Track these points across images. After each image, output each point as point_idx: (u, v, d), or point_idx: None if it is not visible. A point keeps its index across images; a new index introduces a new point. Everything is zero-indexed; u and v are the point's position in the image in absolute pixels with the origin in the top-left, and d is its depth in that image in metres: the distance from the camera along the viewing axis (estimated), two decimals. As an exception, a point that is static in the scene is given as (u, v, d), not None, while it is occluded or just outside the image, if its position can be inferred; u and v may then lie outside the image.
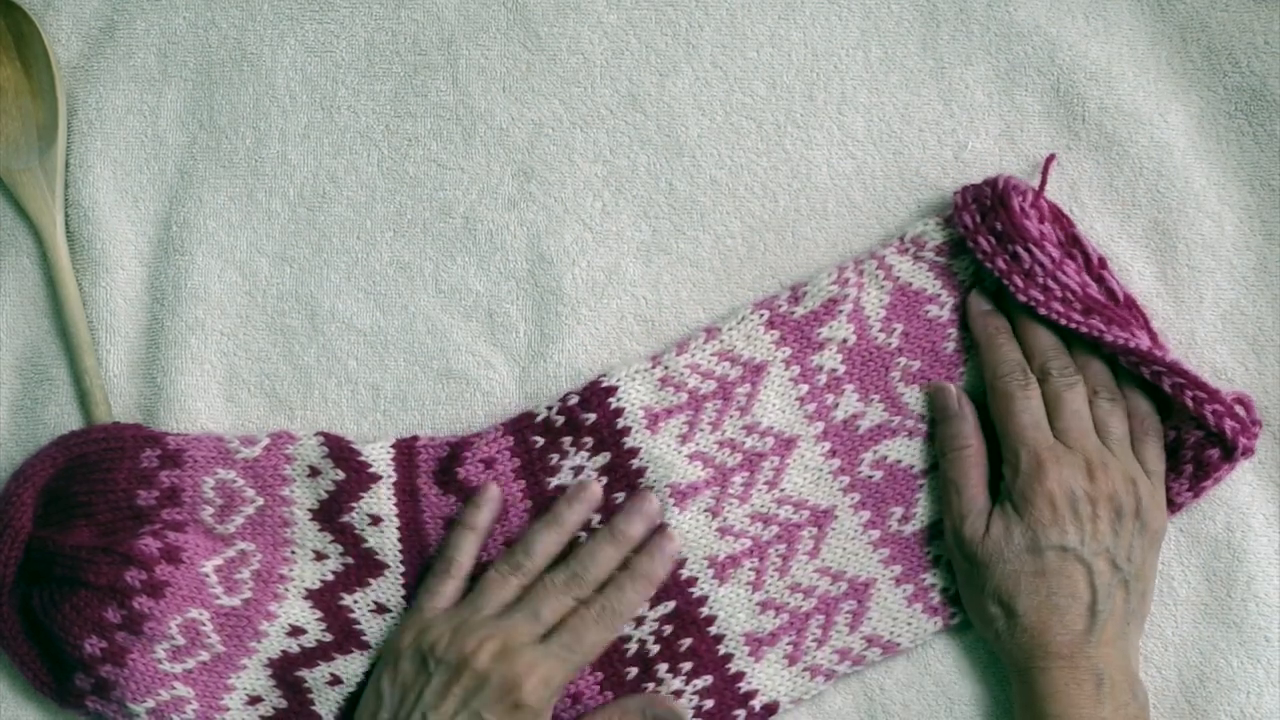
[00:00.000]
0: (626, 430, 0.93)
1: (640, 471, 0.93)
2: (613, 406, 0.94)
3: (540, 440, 0.94)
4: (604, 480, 0.93)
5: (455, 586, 0.91)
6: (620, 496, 0.93)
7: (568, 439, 0.94)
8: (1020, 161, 0.96)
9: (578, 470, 0.93)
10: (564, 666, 0.87)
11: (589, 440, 0.93)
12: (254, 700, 0.93)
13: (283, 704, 0.93)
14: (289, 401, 0.97)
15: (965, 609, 0.91)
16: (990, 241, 0.91)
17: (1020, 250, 0.90)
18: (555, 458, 0.94)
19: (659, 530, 0.92)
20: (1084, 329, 0.89)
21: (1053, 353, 0.91)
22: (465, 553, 0.91)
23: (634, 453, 0.93)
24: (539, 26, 0.99)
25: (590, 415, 0.94)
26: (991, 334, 0.91)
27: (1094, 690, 0.85)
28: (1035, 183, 0.94)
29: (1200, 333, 0.95)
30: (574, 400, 0.94)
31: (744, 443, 0.93)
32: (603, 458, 0.93)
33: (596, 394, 0.94)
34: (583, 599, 0.89)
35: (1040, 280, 0.90)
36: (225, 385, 0.98)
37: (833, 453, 0.93)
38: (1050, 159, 0.94)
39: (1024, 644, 0.87)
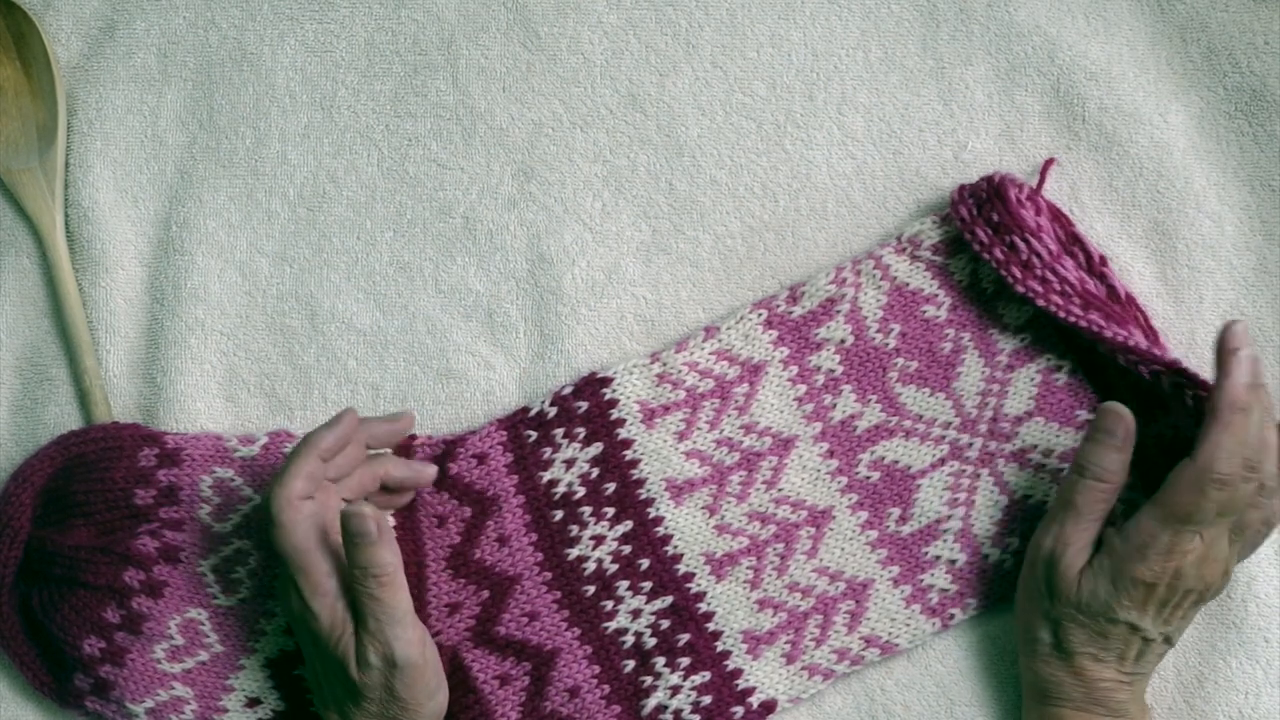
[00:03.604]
0: (620, 422, 0.93)
1: (634, 464, 0.93)
2: (607, 397, 0.94)
3: (533, 434, 0.94)
4: (596, 471, 0.93)
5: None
6: (611, 487, 0.93)
7: (559, 430, 0.94)
8: (1020, 162, 0.96)
9: (570, 463, 0.93)
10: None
11: (581, 430, 0.93)
12: (253, 702, 0.93)
13: (281, 706, 0.93)
14: (289, 401, 0.97)
15: (1016, 610, 0.90)
16: (987, 233, 0.91)
17: (1017, 241, 0.90)
18: (548, 451, 0.94)
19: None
20: (1083, 324, 0.89)
21: (1276, 468, 0.84)
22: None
23: (627, 444, 0.93)
24: (539, 26, 0.99)
25: (583, 404, 0.94)
26: (1244, 410, 0.82)
27: None
28: (1034, 184, 0.94)
29: (1200, 333, 0.94)
30: (567, 390, 0.94)
31: (742, 442, 0.93)
32: (595, 448, 0.93)
33: (591, 384, 0.94)
34: None
35: (1038, 272, 0.90)
36: (225, 385, 0.98)
37: (830, 453, 0.93)
38: (1049, 162, 0.94)
39: (1056, 675, 0.87)
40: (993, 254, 0.90)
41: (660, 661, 0.92)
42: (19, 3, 0.99)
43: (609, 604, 0.93)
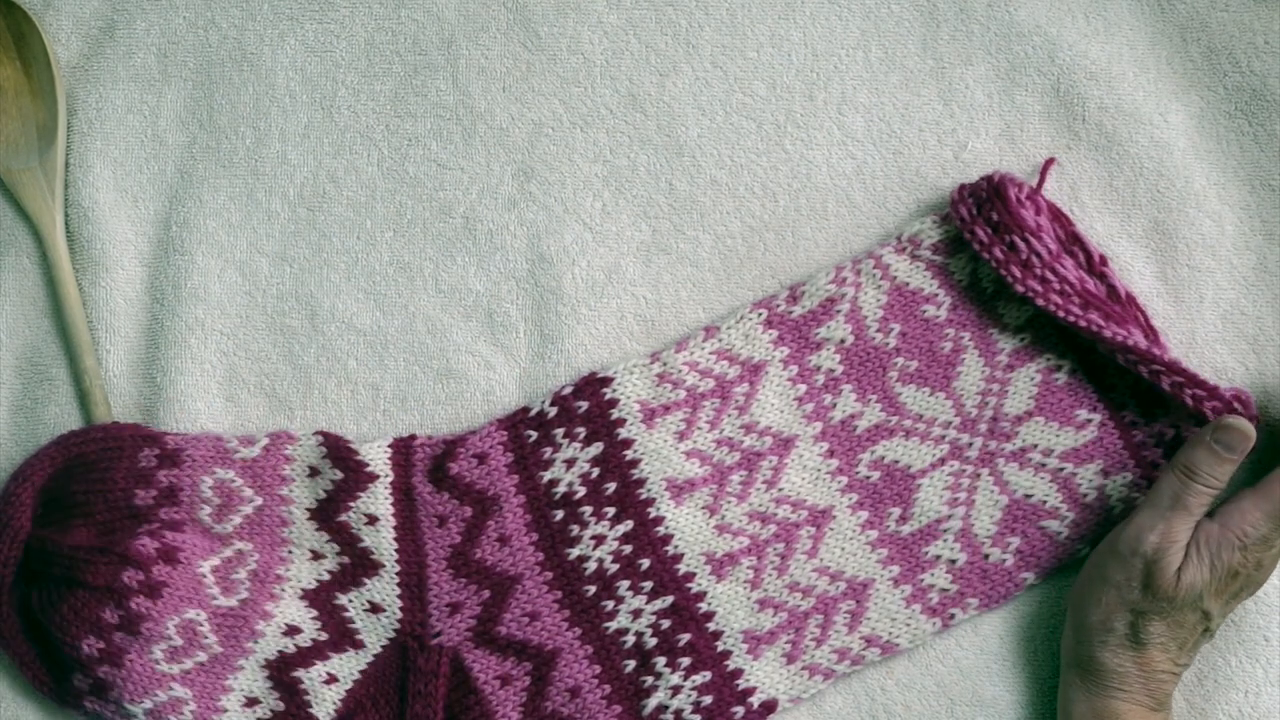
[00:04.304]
0: (621, 422, 0.93)
1: (634, 463, 0.93)
2: (607, 397, 0.94)
3: (533, 434, 0.94)
4: (596, 471, 0.93)
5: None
6: (611, 487, 0.93)
7: (560, 430, 0.94)
8: (1020, 162, 0.96)
9: (570, 462, 0.93)
10: None
11: (581, 430, 0.93)
12: (251, 702, 0.93)
13: (280, 706, 0.93)
14: (289, 401, 0.97)
15: (1077, 601, 0.90)
16: (987, 232, 0.91)
17: (1017, 240, 0.90)
18: (548, 451, 0.94)
19: None
20: (1082, 323, 0.89)
21: None
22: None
23: (628, 444, 0.93)
24: (539, 26, 0.99)
25: (583, 403, 0.94)
26: None
27: (1150, 715, 0.88)
28: (1034, 184, 0.94)
29: (1200, 333, 0.94)
30: (568, 390, 0.94)
31: (742, 442, 0.93)
32: (595, 448, 0.93)
33: (591, 384, 0.94)
34: None
35: (1038, 271, 0.90)
36: (225, 385, 0.98)
37: (831, 453, 0.93)
38: (1049, 162, 0.94)
39: (1123, 665, 0.88)
40: (992, 253, 0.90)
41: (661, 661, 0.92)
42: (19, 3, 0.99)
43: (610, 604, 0.93)
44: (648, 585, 0.93)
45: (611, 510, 0.93)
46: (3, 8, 0.98)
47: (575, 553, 0.93)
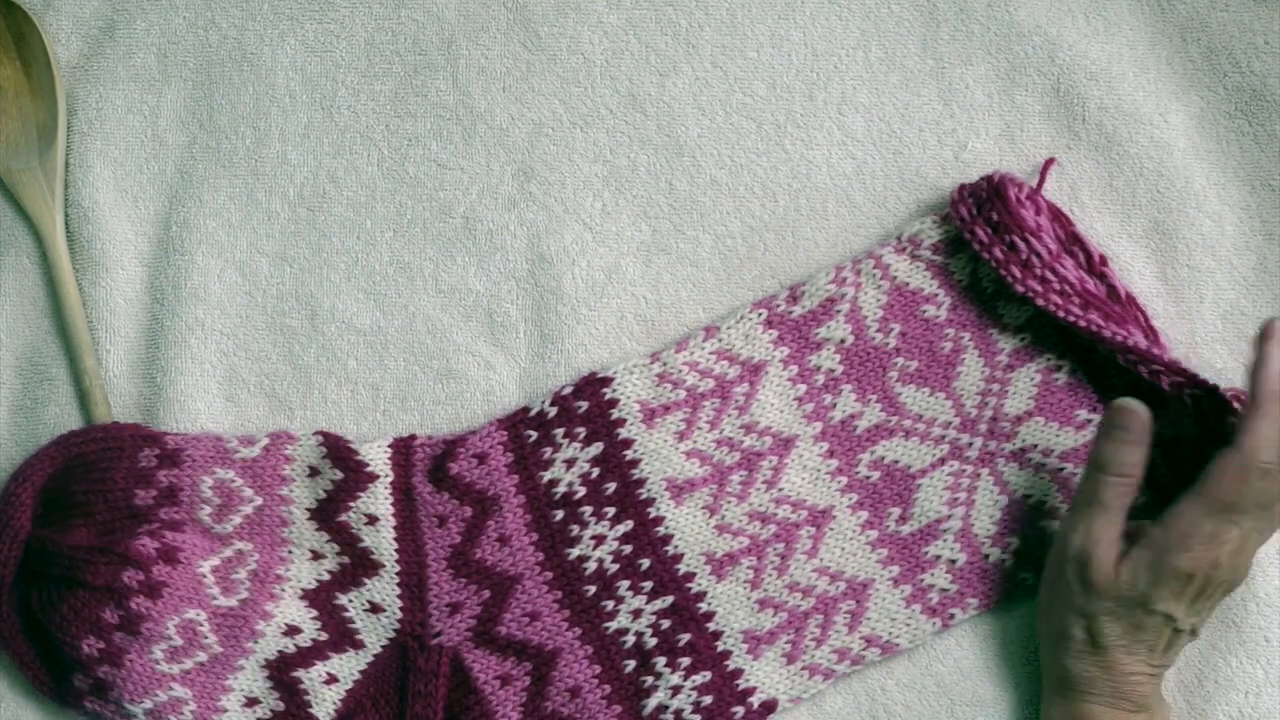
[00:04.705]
0: (621, 422, 0.93)
1: (634, 463, 0.93)
2: (607, 397, 0.94)
3: (533, 434, 0.94)
4: (596, 471, 0.93)
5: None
6: (611, 487, 0.93)
7: (560, 430, 0.94)
8: (1020, 162, 0.96)
9: (570, 462, 0.93)
10: None
11: (581, 430, 0.93)
12: (251, 702, 0.93)
13: (280, 706, 0.93)
14: (289, 401, 0.97)
15: (1040, 610, 0.90)
16: (987, 232, 0.91)
17: (1017, 240, 0.90)
18: (548, 451, 0.94)
19: None
20: (1082, 323, 0.89)
21: None
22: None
23: (628, 444, 0.93)
24: (539, 26, 0.99)
25: (583, 404, 0.94)
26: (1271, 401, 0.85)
27: (1132, 718, 0.87)
28: (1034, 184, 0.94)
29: (1200, 333, 0.94)
30: (568, 390, 0.94)
31: (742, 442, 0.93)
32: (595, 448, 0.93)
33: (591, 384, 0.94)
34: None
35: (1038, 271, 0.90)
36: (225, 385, 0.98)
37: (831, 453, 0.93)
38: (1049, 162, 0.94)
39: (1088, 670, 0.87)
40: (992, 253, 0.90)
41: (661, 661, 0.92)
42: (19, 3, 0.99)
43: (610, 604, 0.93)
44: (648, 585, 0.93)
45: (611, 510, 0.93)
46: (3, 8, 0.98)
47: (575, 553, 0.93)
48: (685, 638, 0.92)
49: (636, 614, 0.93)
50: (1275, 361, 0.84)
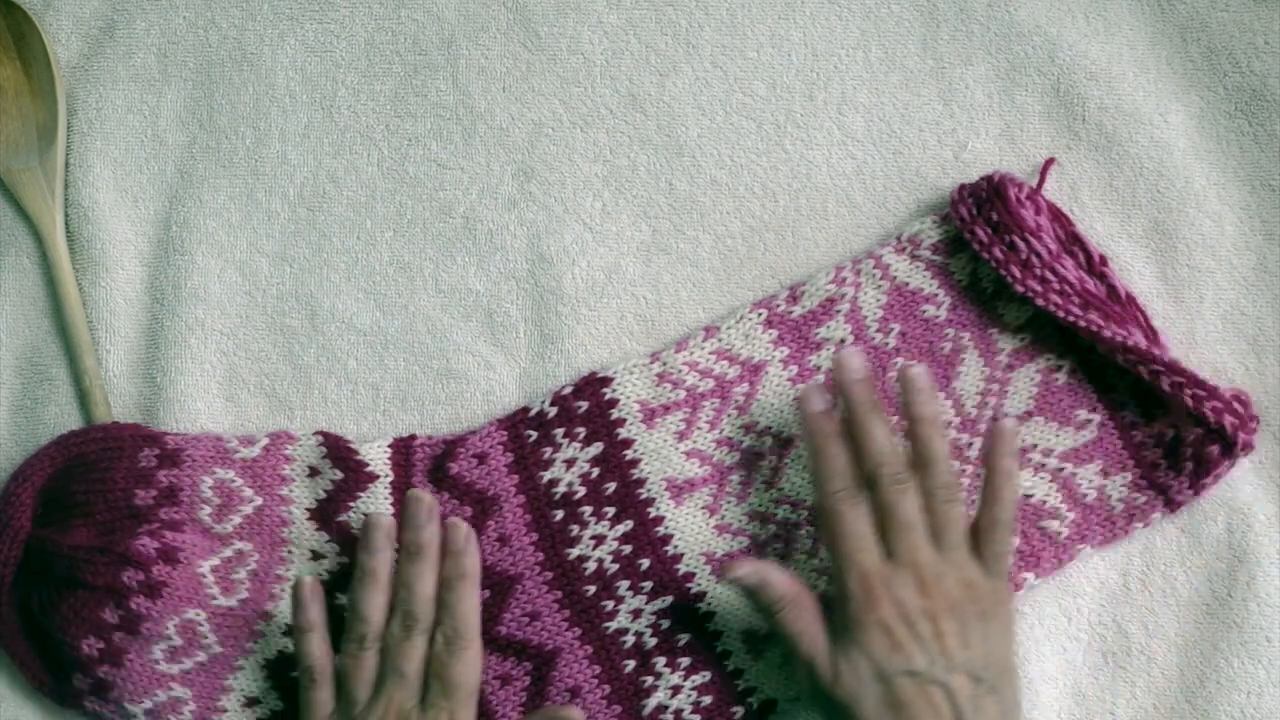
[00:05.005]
0: (620, 421, 0.93)
1: (634, 463, 0.93)
2: (607, 397, 0.94)
3: (533, 434, 0.94)
4: (596, 471, 0.93)
5: (326, 692, 0.88)
6: (611, 487, 0.93)
7: (560, 430, 0.94)
8: (1020, 162, 0.96)
9: (570, 462, 0.93)
10: (457, 712, 0.86)
11: (581, 430, 0.93)
12: (251, 702, 0.93)
13: (280, 706, 0.93)
14: (289, 401, 0.97)
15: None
16: (987, 232, 0.91)
17: (1017, 240, 0.90)
18: (548, 451, 0.94)
19: (448, 526, 0.89)
20: (1082, 323, 0.89)
21: (883, 455, 0.84)
22: (316, 654, 0.88)
23: (628, 444, 0.93)
24: (539, 26, 0.99)
25: (583, 404, 0.94)
26: (820, 440, 0.86)
27: None
28: (1034, 184, 0.94)
29: (1200, 333, 0.94)
30: (568, 390, 0.94)
31: (742, 442, 0.93)
32: (595, 448, 0.93)
33: (591, 384, 0.94)
34: (428, 630, 0.87)
35: (1038, 271, 0.90)
36: (225, 385, 0.98)
37: (831, 452, 0.93)
38: (1049, 162, 0.94)
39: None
40: (992, 253, 0.90)
41: (661, 661, 0.92)
42: (19, 3, 0.99)
43: (609, 604, 0.93)
44: (648, 585, 0.93)
45: (611, 510, 0.93)
46: (3, 8, 0.98)
47: (575, 553, 0.93)
48: (685, 638, 0.92)
49: (636, 614, 0.93)
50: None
